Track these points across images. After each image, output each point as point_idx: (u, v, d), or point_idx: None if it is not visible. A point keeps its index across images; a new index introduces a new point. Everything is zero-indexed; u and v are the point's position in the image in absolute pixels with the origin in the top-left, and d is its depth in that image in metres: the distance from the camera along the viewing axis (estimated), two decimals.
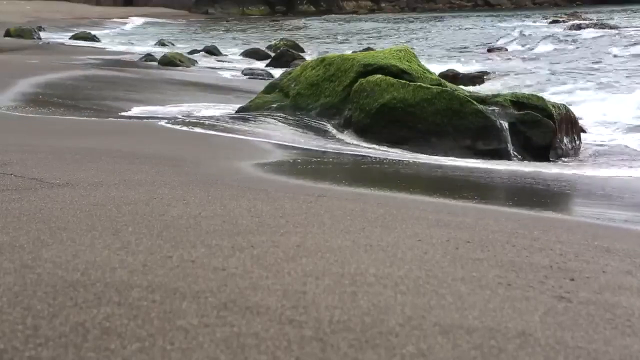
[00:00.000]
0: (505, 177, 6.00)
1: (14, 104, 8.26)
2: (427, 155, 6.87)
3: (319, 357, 1.73)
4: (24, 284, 2.08)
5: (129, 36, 36.08)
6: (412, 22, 47.87)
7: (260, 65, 18.70)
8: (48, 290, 2.05)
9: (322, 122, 7.93)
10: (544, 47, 22.30)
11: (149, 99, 10.04)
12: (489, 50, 22.88)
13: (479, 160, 6.71)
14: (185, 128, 6.88)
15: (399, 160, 6.37)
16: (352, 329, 1.90)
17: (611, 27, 27.90)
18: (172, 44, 27.52)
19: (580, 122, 8.38)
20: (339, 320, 1.95)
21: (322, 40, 33.00)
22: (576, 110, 8.49)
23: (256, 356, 1.71)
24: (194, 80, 13.75)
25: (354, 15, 66.78)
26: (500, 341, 1.89)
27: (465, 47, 25.30)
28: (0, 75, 11.04)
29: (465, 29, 36.32)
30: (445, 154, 6.93)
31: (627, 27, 28.65)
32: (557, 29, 28.92)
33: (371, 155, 6.65)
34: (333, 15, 65.88)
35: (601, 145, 8.13)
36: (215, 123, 7.38)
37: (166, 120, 7.32)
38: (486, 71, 16.28)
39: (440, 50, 24.93)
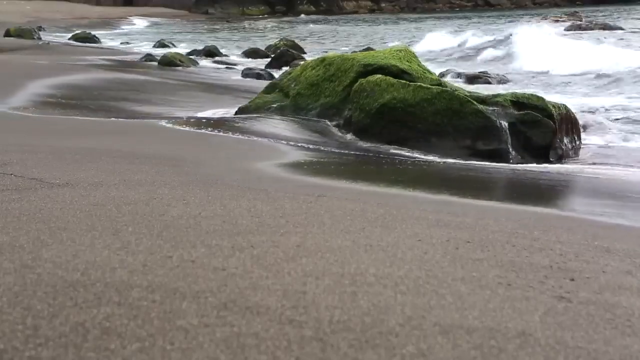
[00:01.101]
0: (505, 177, 5.99)
1: (27, 104, 8.19)
2: (427, 155, 6.86)
3: (319, 357, 1.73)
4: (24, 284, 2.08)
5: (129, 36, 36.09)
6: (413, 22, 47.89)
7: (260, 65, 18.70)
8: (48, 290, 2.05)
9: (322, 122, 7.93)
10: (540, 48, 22.22)
11: (161, 102, 9.97)
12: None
13: (479, 160, 6.71)
14: (185, 128, 6.88)
15: (399, 160, 6.37)
16: (352, 329, 1.90)
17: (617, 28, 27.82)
18: (172, 44, 27.49)
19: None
20: (339, 320, 1.95)
21: (322, 40, 33.02)
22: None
23: (256, 356, 1.71)
24: (195, 81, 13.74)
25: (354, 15, 66.87)
26: (500, 341, 1.89)
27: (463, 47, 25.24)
28: (7, 76, 11.01)
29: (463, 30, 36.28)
30: (445, 154, 6.92)
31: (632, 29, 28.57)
32: (556, 29, 28.86)
33: (371, 155, 6.65)
34: (333, 15, 66.00)
35: (601, 146, 8.13)
36: (216, 123, 7.37)
37: (166, 120, 7.31)
38: (486, 71, 16.28)
39: (438, 49, 24.88)
